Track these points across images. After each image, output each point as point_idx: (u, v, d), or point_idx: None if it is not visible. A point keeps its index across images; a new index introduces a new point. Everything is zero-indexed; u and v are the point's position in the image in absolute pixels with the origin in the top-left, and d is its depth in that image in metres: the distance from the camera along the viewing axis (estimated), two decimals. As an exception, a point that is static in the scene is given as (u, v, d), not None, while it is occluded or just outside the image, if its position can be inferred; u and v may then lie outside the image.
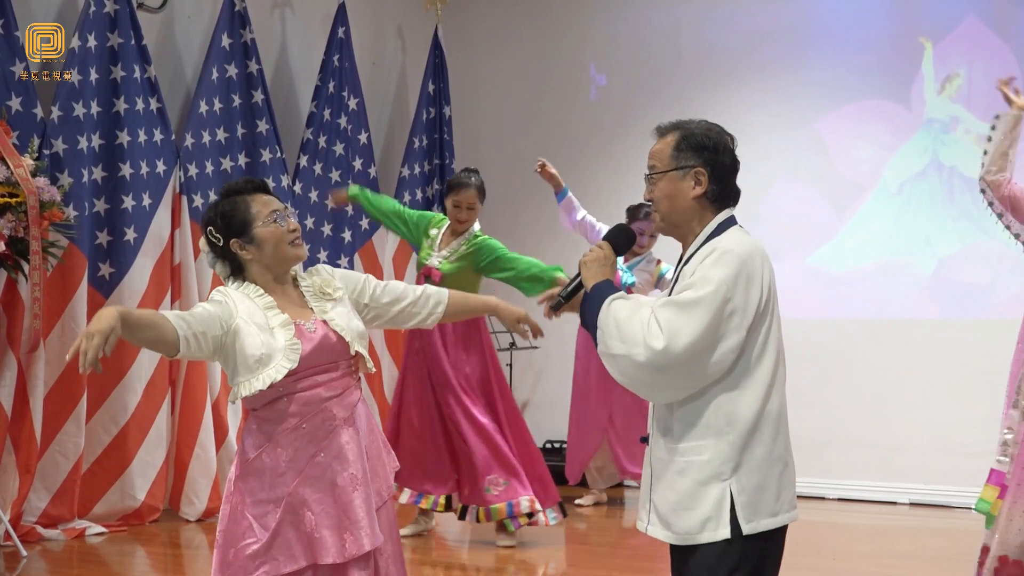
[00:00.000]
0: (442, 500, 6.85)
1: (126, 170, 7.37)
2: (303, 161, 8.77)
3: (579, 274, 3.29)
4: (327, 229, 8.91)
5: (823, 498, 8.64)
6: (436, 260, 6.79)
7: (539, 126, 10.21)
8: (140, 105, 7.45)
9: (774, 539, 3.17)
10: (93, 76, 7.19)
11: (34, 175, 6.40)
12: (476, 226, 6.85)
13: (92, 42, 7.17)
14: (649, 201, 3.29)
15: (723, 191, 3.24)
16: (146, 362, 7.36)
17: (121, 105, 7.35)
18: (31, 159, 6.49)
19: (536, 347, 9.30)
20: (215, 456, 7.65)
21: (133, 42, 7.39)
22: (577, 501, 8.42)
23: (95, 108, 7.22)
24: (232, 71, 8.14)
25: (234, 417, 7.89)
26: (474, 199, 6.85)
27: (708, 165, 3.20)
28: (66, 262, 6.87)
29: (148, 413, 7.37)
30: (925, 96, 8.86)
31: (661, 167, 3.23)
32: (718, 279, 3.03)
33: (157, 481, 7.41)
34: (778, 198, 9.12)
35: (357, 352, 3.50)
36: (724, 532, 3.08)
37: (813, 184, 9.13)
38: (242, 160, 8.23)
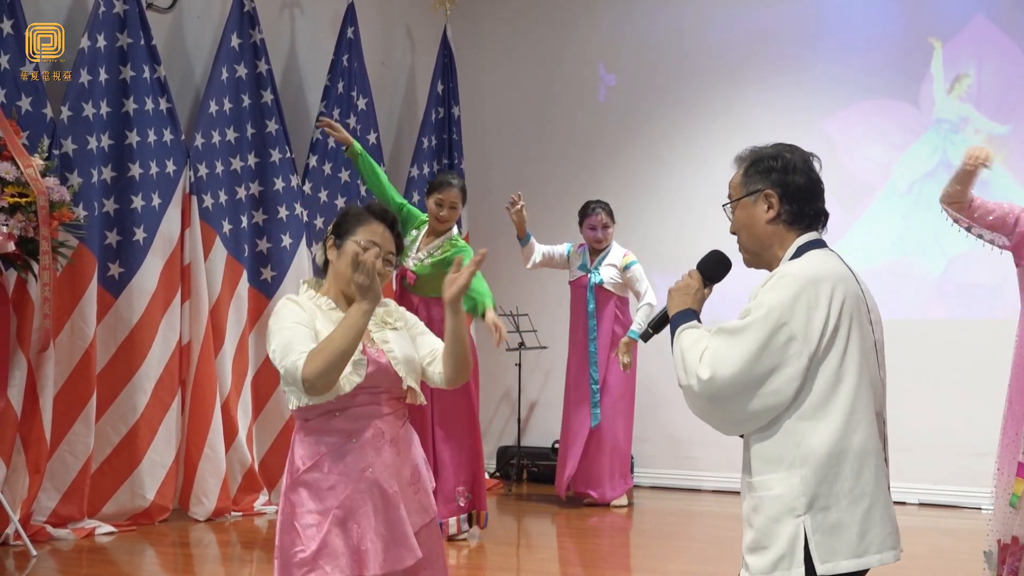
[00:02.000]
0: None
1: (136, 170, 7.37)
2: (312, 161, 8.76)
3: (666, 305, 3.23)
4: (336, 229, 8.88)
5: None
6: (412, 262, 6.86)
7: (548, 126, 10.20)
8: (150, 105, 7.44)
9: None
10: (103, 76, 7.19)
11: (44, 175, 6.39)
12: (455, 230, 6.90)
13: (102, 42, 7.17)
14: (733, 233, 3.21)
15: (800, 212, 3.12)
16: (155, 362, 7.36)
17: (131, 105, 7.35)
18: (41, 159, 6.48)
19: (545, 347, 9.30)
20: (224, 456, 7.65)
21: (143, 42, 7.39)
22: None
23: (105, 108, 7.22)
24: (241, 71, 8.13)
25: (244, 417, 7.89)
26: (456, 199, 6.93)
27: (778, 186, 3.10)
28: (76, 262, 6.87)
29: (158, 413, 7.37)
30: (934, 96, 8.83)
31: (735, 195, 3.16)
32: (770, 304, 2.93)
33: (167, 481, 7.40)
34: (787, 198, 9.08)
35: (409, 387, 3.49)
36: (798, 572, 2.93)
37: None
38: (252, 160, 8.22)
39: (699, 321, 3.13)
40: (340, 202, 8.89)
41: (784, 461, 2.95)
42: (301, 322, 3.39)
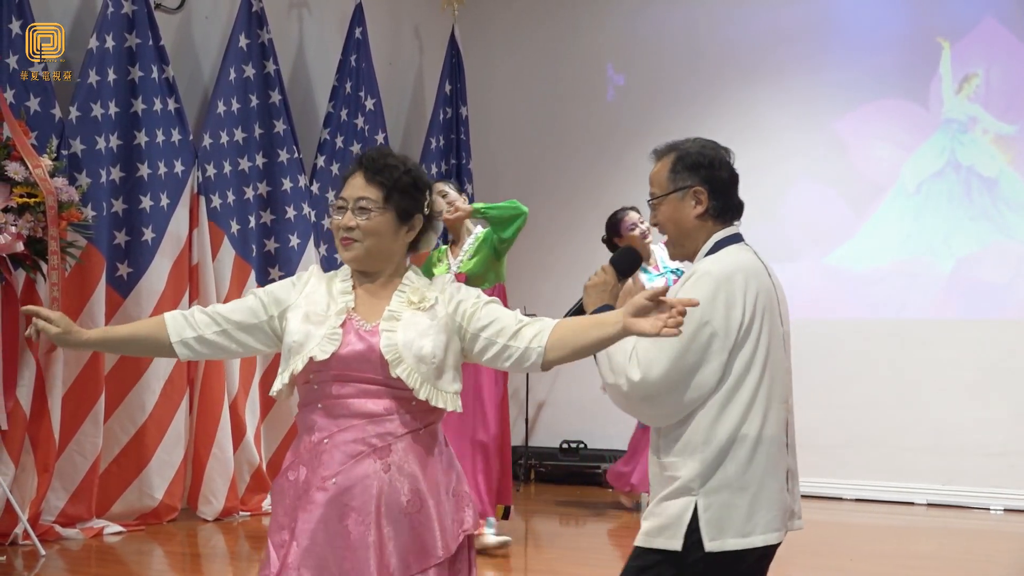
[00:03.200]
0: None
1: (144, 170, 7.37)
2: (320, 161, 8.76)
3: (581, 298, 3.27)
4: (344, 229, 8.88)
5: (840, 499, 8.60)
6: (454, 267, 6.70)
7: (556, 126, 10.20)
8: (158, 106, 7.45)
9: (745, 561, 3.14)
10: (111, 77, 7.19)
11: (52, 175, 6.40)
12: (479, 228, 6.77)
13: (110, 43, 7.17)
14: (655, 225, 3.31)
15: (725, 207, 3.25)
16: (164, 362, 7.35)
17: (139, 105, 7.36)
18: (49, 159, 6.49)
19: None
20: (232, 456, 7.65)
21: (151, 43, 7.39)
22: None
23: (113, 109, 7.22)
24: (249, 71, 8.14)
25: (252, 417, 7.90)
26: (443, 189, 6.76)
27: (706, 183, 3.22)
28: (84, 262, 6.87)
29: (166, 412, 7.37)
30: (943, 96, 8.82)
31: (660, 191, 3.25)
32: None
33: (175, 480, 7.41)
34: (796, 198, 9.09)
35: (399, 377, 2.88)
36: (675, 543, 3.10)
37: (831, 184, 9.09)
38: (260, 160, 8.23)
39: None
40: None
41: (690, 445, 3.11)
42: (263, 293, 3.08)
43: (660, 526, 3.12)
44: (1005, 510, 8.29)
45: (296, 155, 8.42)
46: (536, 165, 10.19)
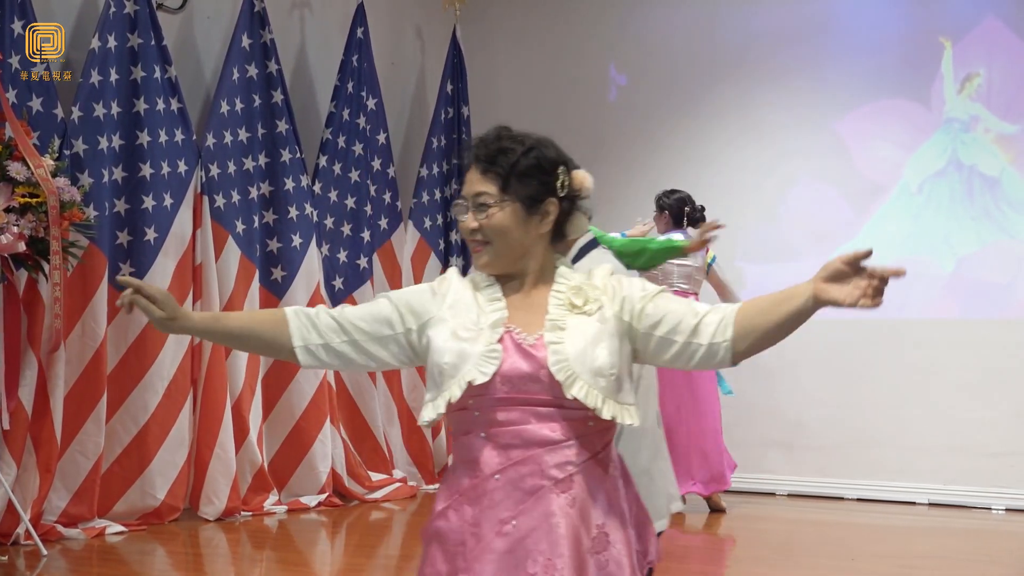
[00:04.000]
0: None
1: (147, 170, 7.36)
2: (322, 161, 8.76)
3: None
4: (346, 229, 8.89)
5: (842, 498, 8.59)
6: None
7: (558, 127, 10.11)
8: (161, 105, 7.44)
9: None
10: (113, 77, 7.19)
11: (54, 175, 6.39)
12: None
13: (112, 43, 7.17)
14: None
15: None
16: (168, 361, 7.35)
17: (141, 105, 7.35)
18: (51, 159, 6.48)
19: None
20: (235, 456, 7.64)
21: (153, 43, 7.39)
22: None
23: (115, 108, 7.22)
24: (252, 71, 8.13)
25: (254, 417, 7.89)
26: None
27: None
28: (86, 262, 6.86)
29: (169, 412, 7.36)
30: (944, 95, 8.81)
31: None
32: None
33: (178, 481, 7.39)
34: (798, 198, 9.09)
35: (576, 398, 2.48)
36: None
37: (833, 183, 9.09)
38: (262, 160, 8.23)
39: None
40: (350, 202, 8.89)
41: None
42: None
43: None
44: (1007, 510, 8.28)
45: (298, 155, 8.42)
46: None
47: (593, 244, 3.26)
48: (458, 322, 2.57)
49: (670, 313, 2.55)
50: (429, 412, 2.54)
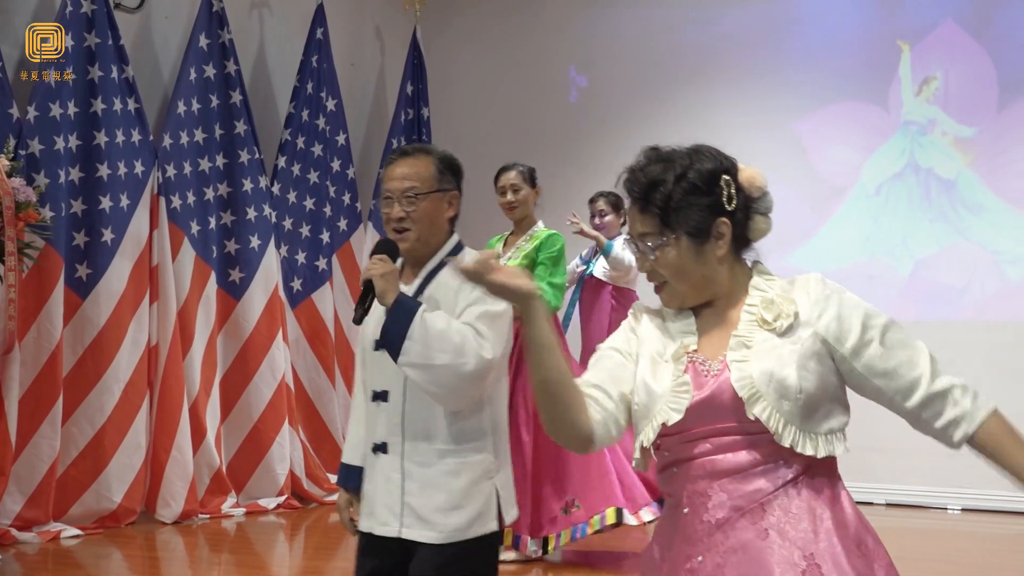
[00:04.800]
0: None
1: (104, 171, 7.32)
2: (281, 162, 8.73)
3: (370, 287, 3.19)
4: (305, 230, 8.87)
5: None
6: (502, 261, 6.39)
7: (518, 128, 10.19)
8: (118, 106, 7.40)
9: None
10: (70, 76, 7.14)
11: (10, 175, 6.34)
12: (540, 224, 6.53)
13: (69, 42, 7.13)
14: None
15: None
16: (124, 364, 7.31)
17: (99, 105, 7.31)
18: (7, 160, 6.43)
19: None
20: (192, 458, 7.60)
21: (111, 42, 7.35)
22: None
23: (72, 108, 7.17)
24: (210, 72, 8.10)
25: (212, 419, 7.86)
26: (516, 180, 6.61)
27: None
28: (42, 263, 6.82)
29: (126, 415, 7.32)
30: (902, 98, 8.88)
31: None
32: None
33: (134, 483, 7.35)
34: (757, 200, 9.12)
35: (758, 418, 2.27)
36: (493, 525, 3.28)
37: (791, 185, 9.12)
38: (220, 161, 8.20)
39: None
40: (309, 203, 8.87)
41: (482, 431, 3.27)
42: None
43: (476, 514, 3.24)
44: (963, 510, 8.35)
45: (257, 156, 8.39)
46: (498, 166, 10.16)
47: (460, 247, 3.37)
48: (650, 354, 2.40)
49: (905, 364, 2.34)
50: (635, 462, 2.41)
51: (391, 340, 3.14)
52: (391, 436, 3.28)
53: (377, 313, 3.23)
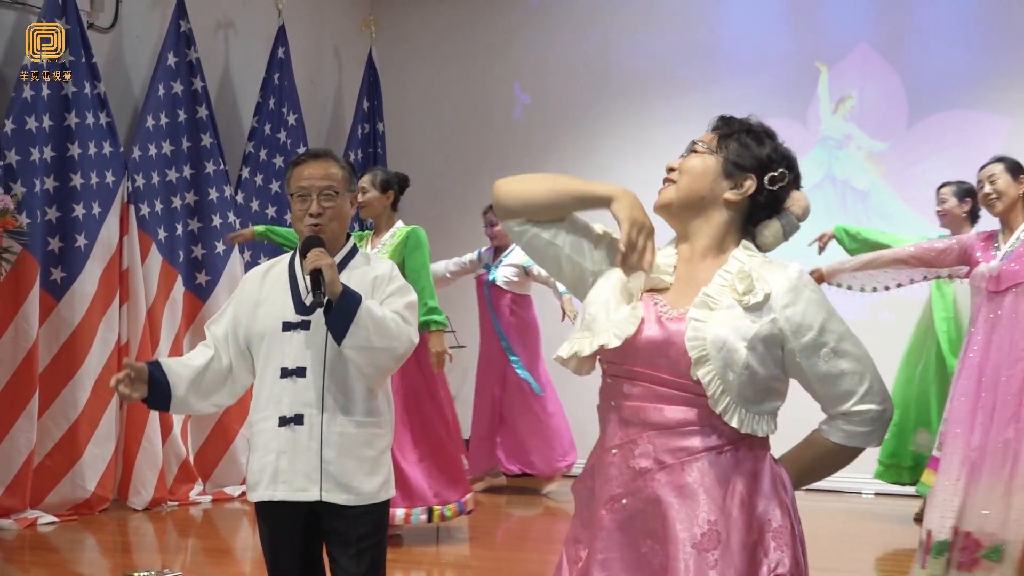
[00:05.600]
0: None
1: (77, 180, 7.30)
2: (245, 173, 8.73)
3: (320, 276, 3.23)
4: (268, 236, 8.86)
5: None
6: None
7: (466, 141, 10.24)
8: (90, 119, 7.38)
9: None
10: (45, 92, 7.11)
11: (-12, 185, 6.32)
12: (400, 223, 6.41)
13: (44, 59, 7.11)
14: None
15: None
16: (95, 361, 7.29)
17: (72, 119, 7.28)
18: (-15, 169, 6.41)
19: (464, 346, 9.32)
20: (161, 449, 7.59)
21: (84, 60, 7.33)
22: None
23: (47, 122, 7.14)
24: (178, 88, 8.09)
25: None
26: (364, 184, 6.38)
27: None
28: (19, 267, 6.78)
29: (97, 409, 7.30)
30: (820, 115, 9.02)
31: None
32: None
33: (106, 473, 7.33)
34: (687, 208, 9.21)
35: (700, 380, 2.23)
36: (391, 491, 3.47)
37: (719, 196, 9.23)
38: (187, 171, 8.18)
39: None
40: (271, 211, 8.87)
41: (385, 405, 3.45)
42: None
43: (384, 480, 3.42)
44: (876, 494, 8.52)
45: (222, 167, 8.38)
46: (447, 176, 10.22)
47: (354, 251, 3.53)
48: (618, 278, 2.36)
49: (842, 377, 2.32)
50: (562, 350, 2.34)
51: (338, 326, 3.23)
52: (308, 409, 3.33)
53: (280, 300, 3.40)
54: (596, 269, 2.43)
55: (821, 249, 6.68)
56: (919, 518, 6.50)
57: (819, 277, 5.62)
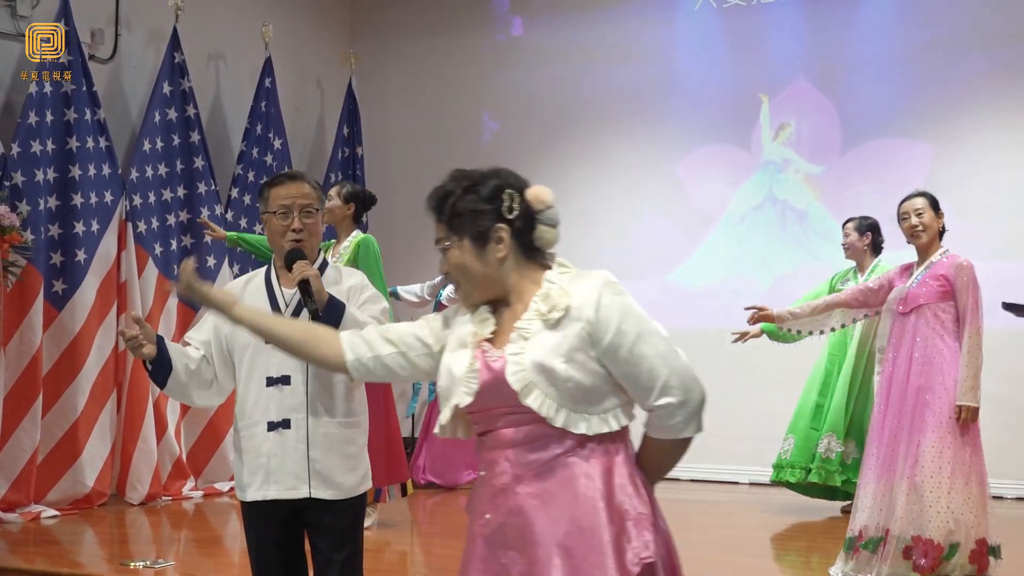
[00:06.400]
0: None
1: (78, 200, 7.34)
2: (234, 193, 8.78)
3: (308, 287, 3.27)
4: (255, 252, 8.90)
5: (678, 479, 8.77)
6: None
7: (438, 165, 10.04)
8: (91, 143, 7.42)
9: None
10: (49, 118, 7.16)
11: (-4, 204, 6.36)
12: (357, 232, 6.43)
13: (48, 88, 7.15)
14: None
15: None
16: (93, 366, 7.33)
17: (74, 143, 7.33)
18: (-7, 190, 6.45)
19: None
20: (156, 448, 7.63)
21: (85, 88, 7.38)
22: None
23: (51, 146, 7.19)
24: (172, 114, 8.14)
25: (172, 414, 7.88)
26: (331, 193, 6.37)
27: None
28: (24, 279, 6.82)
29: (96, 410, 7.33)
30: (762, 142, 9.13)
31: None
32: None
33: (104, 470, 7.36)
34: (643, 227, 9.30)
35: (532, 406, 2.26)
36: (369, 484, 3.48)
37: (671, 215, 9.34)
38: (181, 192, 8.23)
39: None
40: (258, 229, 8.89)
41: (361, 406, 3.46)
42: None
43: (363, 475, 3.44)
44: (750, 483, 8.71)
45: (213, 187, 8.44)
46: (422, 196, 10.17)
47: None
48: (455, 343, 2.40)
49: (640, 375, 2.27)
50: (437, 427, 2.40)
51: None
52: (294, 414, 3.32)
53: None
54: (440, 344, 2.44)
55: (744, 340, 6.72)
56: (847, 511, 6.61)
57: (767, 317, 5.82)
